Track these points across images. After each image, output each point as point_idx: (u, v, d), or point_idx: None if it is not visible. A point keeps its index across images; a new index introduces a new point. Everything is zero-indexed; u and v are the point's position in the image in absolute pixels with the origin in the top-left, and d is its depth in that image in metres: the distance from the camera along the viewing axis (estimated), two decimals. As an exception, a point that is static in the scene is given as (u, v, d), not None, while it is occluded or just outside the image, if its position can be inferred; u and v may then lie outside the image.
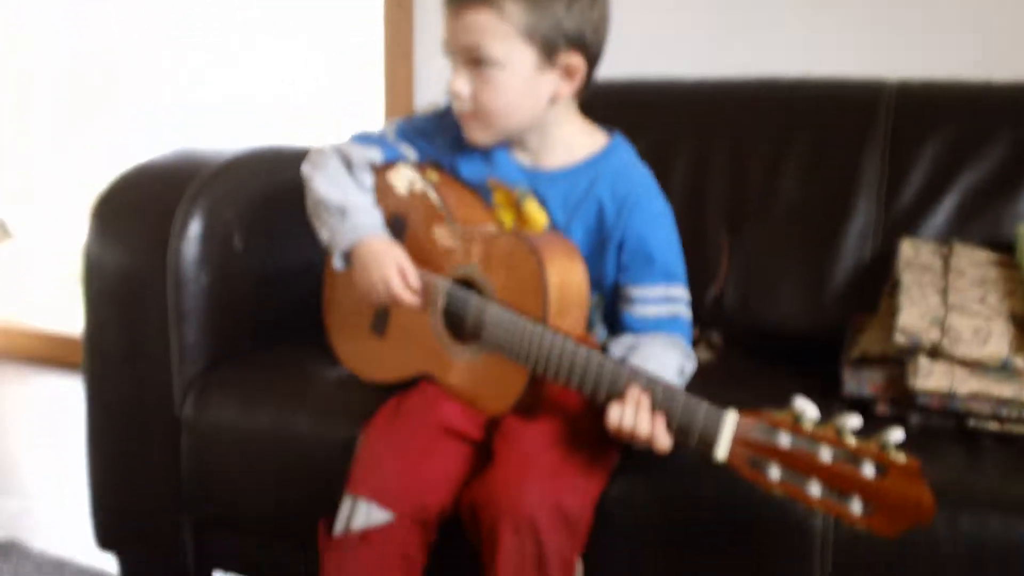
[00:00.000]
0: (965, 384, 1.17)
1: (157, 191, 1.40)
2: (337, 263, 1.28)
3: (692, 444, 1.01)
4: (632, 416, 1.03)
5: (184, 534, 1.40)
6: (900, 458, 0.91)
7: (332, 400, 1.29)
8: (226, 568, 1.47)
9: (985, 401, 1.16)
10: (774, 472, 0.96)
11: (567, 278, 1.15)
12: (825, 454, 0.94)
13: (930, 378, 1.17)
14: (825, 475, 0.94)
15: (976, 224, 1.47)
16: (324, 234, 1.28)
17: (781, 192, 1.56)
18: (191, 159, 1.45)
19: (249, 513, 1.34)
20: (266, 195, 1.48)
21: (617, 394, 1.05)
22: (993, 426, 1.17)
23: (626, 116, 1.32)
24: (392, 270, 1.21)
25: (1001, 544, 1.00)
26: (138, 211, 1.39)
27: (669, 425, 1.02)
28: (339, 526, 1.13)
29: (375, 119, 2.20)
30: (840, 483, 0.93)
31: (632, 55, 1.29)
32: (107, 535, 1.47)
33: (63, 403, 2.51)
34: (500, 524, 1.04)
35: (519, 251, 1.15)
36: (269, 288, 1.47)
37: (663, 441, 1.03)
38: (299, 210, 1.32)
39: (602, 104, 1.28)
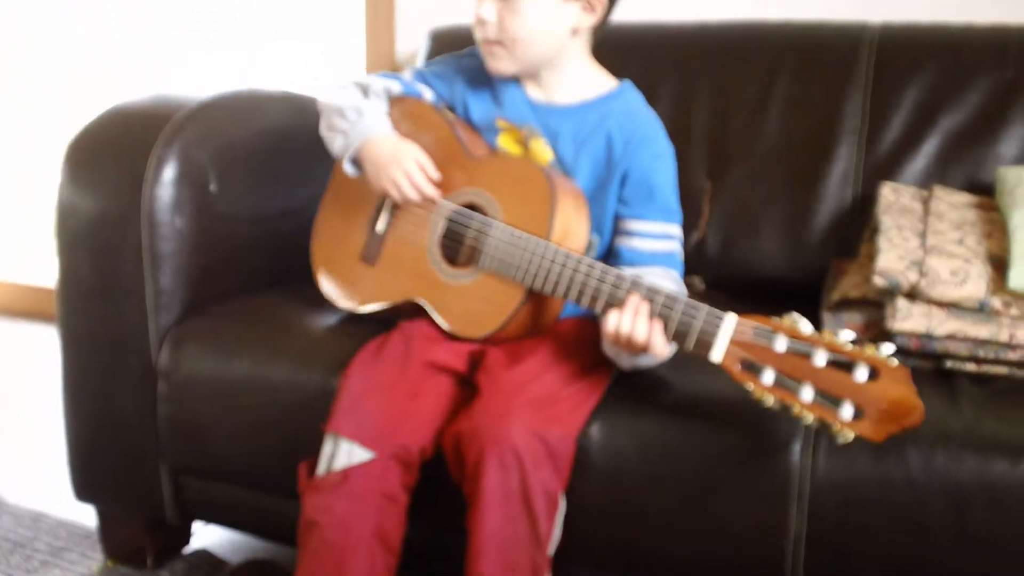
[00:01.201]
0: (943, 325, 1.17)
1: (131, 134, 1.37)
2: (347, 166, 1.28)
3: (689, 347, 1.04)
4: (630, 321, 1.06)
5: (162, 485, 1.39)
6: (892, 362, 0.93)
7: (310, 348, 1.28)
8: (206, 519, 1.47)
9: (962, 342, 1.17)
10: (768, 376, 0.99)
11: (571, 221, 1.17)
12: (820, 358, 0.97)
13: (908, 320, 1.18)
14: (818, 379, 0.96)
15: (957, 168, 1.48)
16: (338, 141, 1.27)
17: (763, 137, 1.56)
18: (166, 102, 1.42)
19: (228, 463, 1.33)
20: (243, 138, 1.45)
21: (617, 304, 1.08)
22: (970, 367, 1.18)
23: (607, 60, 1.31)
24: (411, 163, 1.22)
25: (976, 482, 1.01)
26: (112, 155, 1.37)
27: (667, 329, 1.05)
28: (322, 466, 1.13)
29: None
30: (833, 387, 0.96)
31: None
32: (84, 487, 1.46)
33: (39, 355, 2.49)
34: (485, 457, 1.05)
35: (532, 174, 1.18)
36: (246, 233, 1.45)
37: (660, 347, 1.06)
38: (277, 153, 1.29)
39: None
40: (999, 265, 1.20)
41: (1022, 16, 1.56)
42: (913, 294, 1.19)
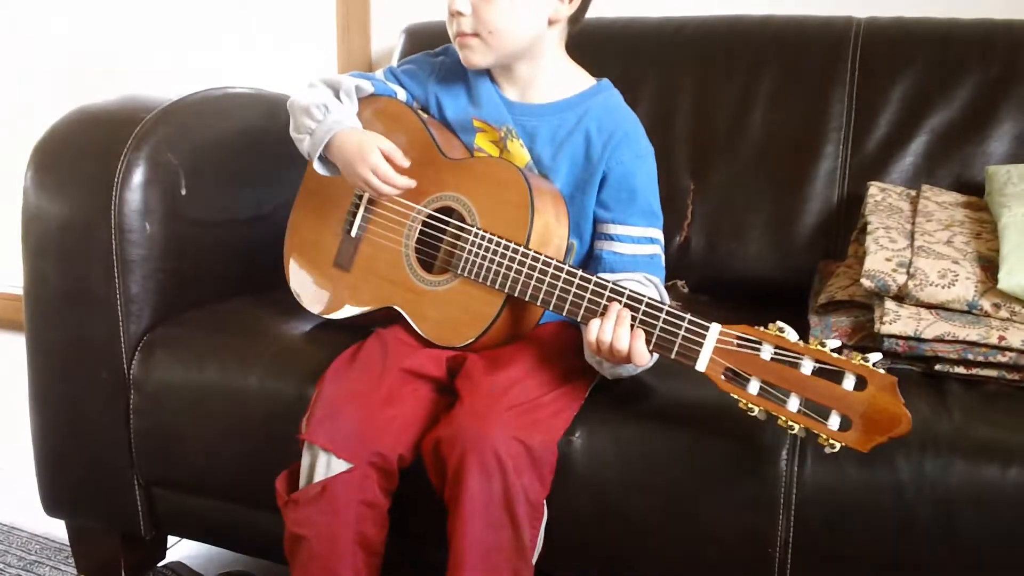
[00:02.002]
0: (931, 328, 1.15)
1: (99, 136, 1.34)
2: (318, 165, 1.25)
3: (672, 356, 1.03)
4: (611, 330, 1.04)
5: (135, 498, 1.36)
6: (879, 371, 0.93)
7: (284, 355, 1.25)
8: (180, 532, 1.45)
9: (951, 344, 1.15)
10: (753, 386, 0.98)
11: (550, 224, 1.15)
12: (807, 367, 0.96)
13: (896, 323, 1.16)
14: (805, 389, 0.95)
15: (945, 166, 1.46)
16: (306, 142, 1.25)
17: (747, 135, 1.54)
18: (134, 102, 1.38)
19: (202, 474, 1.30)
20: (214, 139, 1.42)
21: (598, 313, 1.06)
22: (960, 370, 1.16)
23: (587, 56, 1.28)
24: (376, 156, 1.19)
25: (965, 487, 0.99)
26: (79, 157, 1.33)
27: (649, 339, 1.03)
28: (303, 479, 1.11)
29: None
30: (819, 397, 0.95)
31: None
32: (54, 501, 1.43)
33: (8, 364, 2.44)
34: (466, 462, 1.03)
35: (509, 176, 1.16)
36: (218, 238, 1.42)
37: (641, 355, 1.04)
38: (249, 155, 1.26)
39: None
40: (988, 266, 1.18)
41: (1007, 11, 1.54)
42: (901, 296, 1.17)
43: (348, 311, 1.26)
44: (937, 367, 1.16)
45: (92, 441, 1.36)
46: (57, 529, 1.57)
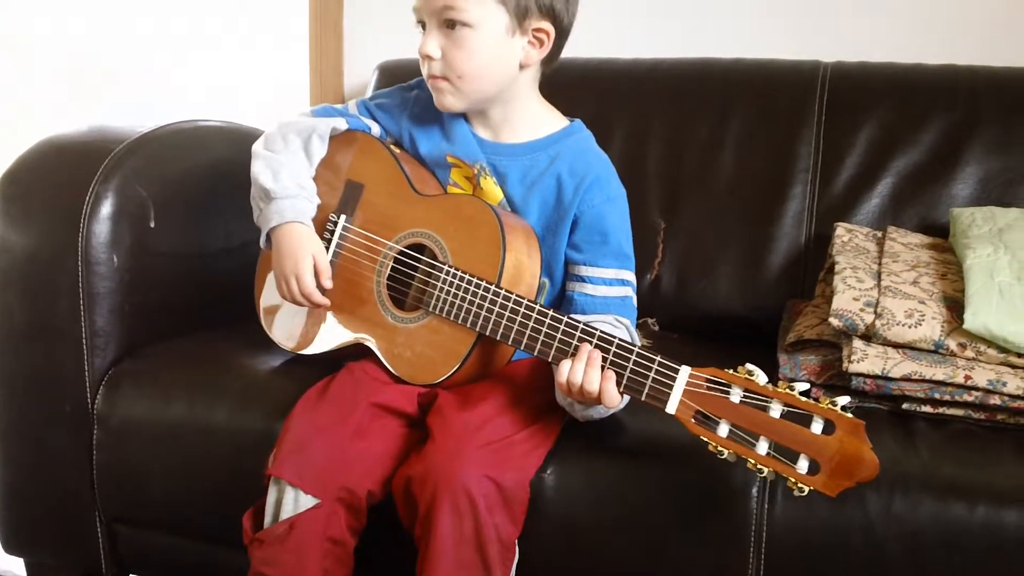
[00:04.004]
0: (898, 367, 1.16)
1: (67, 167, 1.33)
2: (263, 243, 1.26)
3: (642, 399, 1.03)
4: (582, 371, 1.04)
5: (97, 536, 1.34)
6: (847, 415, 0.93)
7: (252, 390, 1.24)
8: (143, 572, 1.41)
9: (918, 383, 1.16)
10: (723, 429, 0.98)
11: (522, 261, 1.15)
12: (776, 410, 0.96)
13: (863, 362, 1.17)
14: (774, 432, 0.96)
15: (910, 208, 1.49)
16: (255, 212, 1.25)
17: (717, 176, 1.56)
18: (104, 134, 1.38)
19: (166, 511, 1.28)
20: (184, 172, 1.42)
21: (569, 353, 1.06)
22: (927, 409, 1.17)
23: (560, 96, 1.29)
24: (307, 264, 1.20)
25: (933, 526, 1.00)
26: (47, 188, 1.32)
27: (619, 381, 1.03)
28: (268, 516, 1.09)
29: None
30: (788, 440, 0.95)
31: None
32: (13, 539, 1.40)
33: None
34: (437, 501, 1.02)
35: (481, 214, 1.16)
36: (186, 271, 1.41)
37: (612, 397, 1.04)
38: (219, 188, 1.26)
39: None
40: (954, 306, 1.20)
41: (970, 57, 1.58)
42: (869, 335, 1.19)
43: (319, 347, 1.25)
44: (905, 406, 1.18)
45: (54, 477, 1.33)
46: (16, 567, 1.54)
